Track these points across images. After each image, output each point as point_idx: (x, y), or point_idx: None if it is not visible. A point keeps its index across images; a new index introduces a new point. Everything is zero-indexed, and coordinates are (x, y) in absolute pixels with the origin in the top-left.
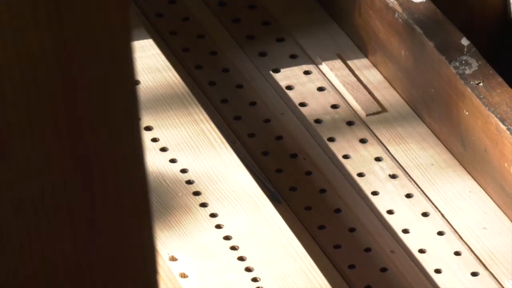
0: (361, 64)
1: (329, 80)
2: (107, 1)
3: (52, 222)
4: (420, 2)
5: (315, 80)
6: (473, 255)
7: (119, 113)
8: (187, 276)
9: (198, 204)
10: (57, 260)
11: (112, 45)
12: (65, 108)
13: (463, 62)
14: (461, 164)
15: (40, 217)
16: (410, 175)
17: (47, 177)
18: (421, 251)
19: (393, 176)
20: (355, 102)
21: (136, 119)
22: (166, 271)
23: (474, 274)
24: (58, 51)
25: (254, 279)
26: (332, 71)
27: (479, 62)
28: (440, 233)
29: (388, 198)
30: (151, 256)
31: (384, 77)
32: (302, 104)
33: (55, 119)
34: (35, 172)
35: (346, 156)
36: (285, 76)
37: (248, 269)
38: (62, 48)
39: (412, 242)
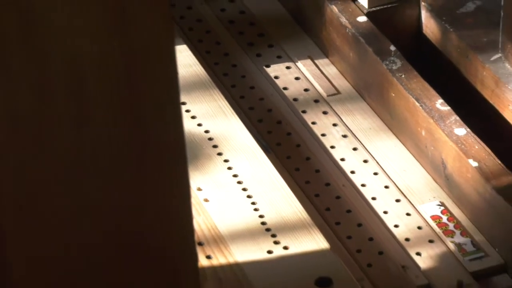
0: (324, 62)
1: (303, 73)
2: (158, 17)
3: (118, 168)
4: (363, 22)
5: (293, 72)
6: (397, 188)
7: (166, 93)
8: (208, 201)
9: (216, 153)
10: (120, 192)
11: (161, 48)
12: (129, 90)
13: (391, 61)
14: (389, 129)
15: (112, 165)
16: (356, 135)
17: (116, 139)
18: (363, 185)
19: (344, 136)
20: (319, 87)
21: (177, 97)
22: (194, 197)
23: (397, 200)
24: (124, 52)
25: (253, 203)
26: (304, 66)
27: (402, 62)
28: (375, 173)
29: (341, 150)
30: (187, 187)
31: (339, 71)
32: (285, 88)
33: (122, 99)
34: (107, 135)
35: (313, 123)
36: (273, 70)
37: (249, 196)
38: (127, 49)
39: (357, 179)
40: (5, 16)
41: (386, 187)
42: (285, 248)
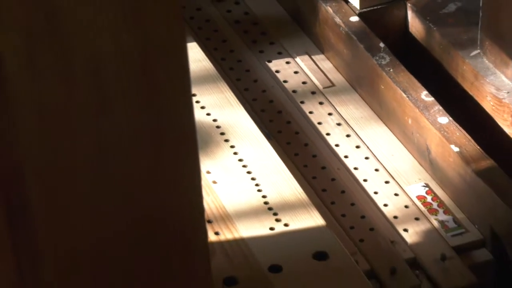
0: (320, 58)
1: (301, 67)
2: (172, 18)
3: (135, 152)
4: (355, 21)
5: (293, 67)
6: (386, 171)
7: (179, 85)
8: (216, 183)
9: (223, 140)
10: (138, 173)
11: (174, 44)
12: (145, 82)
13: (381, 57)
14: (379, 117)
15: (130, 149)
16: (349, 123)
17: (133, 126)
18: (355, 168)
19: (338, 124)
20: (316, 80)
21: (189, 89)
22: (204, 180)
23: (387, 182)
24: (141, 48)
25: (256, 185)
26: (302, 61)
27: (390, 57)
28: (366, 158)
29: (336, 137)
30: (197, 171)
31: (334, 65)
32: (285, 81)
33: (139, 90)
34: (126, 122)
35: (311, 112)
36: (275, 65)
37: (253, 179)
38: (144, 46)
39: (350, 163)
40: (33, 18)
41: (376, 170)
42: (286, 225)
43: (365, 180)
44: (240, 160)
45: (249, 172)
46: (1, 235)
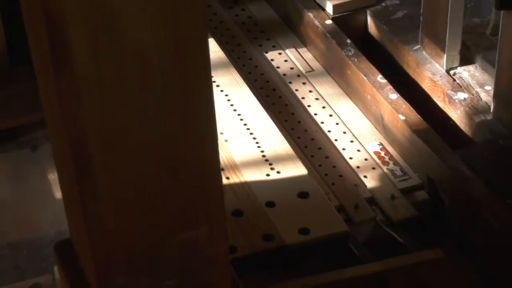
0: (303, 50)
1: (289, 57)
2: (198, 17)
3: (170, 118)
4: (329, 23)
5: (283, 57)
6: (351, 133)
7: (202, 69)
8: (227, 141)
9: (232, 110)
10: (172, 134)
11: (199, 38)
12: (177, 66)
13: (348, 49)
14: (346, 94)
15: (166, 115)
16: (325, 98)
17: (169, 98)
18: (329, 131)
19: (317, 99)
20: (300, 66)
21: (209, 72)
22: (219, 138)
23: (351, 141)
24: (174, 39)
25: (257, 143)
26: (290, 53)
27: (355, 50)
28: (337, 123)
29: (315, 108)
30: (214, 132)
31: (313, 56)
32: (278, 67)
33: (173, 72)
34: (163, 95)
35: (296, 90)
36: (270, 55)
37: (254, 138)
38: (177, 38)
39: (325, 127)
40: (95, 17)
41: (344, 132)
42: (278, 172)
43: (336, 140)
44: (245, 124)
45: (251, 133)
46: (72, 184)
